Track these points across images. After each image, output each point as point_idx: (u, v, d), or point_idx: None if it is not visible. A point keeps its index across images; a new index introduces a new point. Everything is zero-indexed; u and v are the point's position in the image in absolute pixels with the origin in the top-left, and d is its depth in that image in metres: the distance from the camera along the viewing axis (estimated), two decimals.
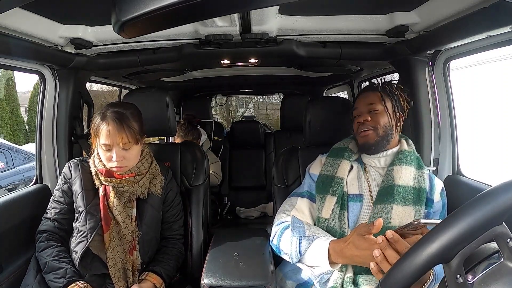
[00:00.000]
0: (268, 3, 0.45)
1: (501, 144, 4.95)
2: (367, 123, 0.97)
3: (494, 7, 0.77)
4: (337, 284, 0.85)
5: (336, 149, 1.06)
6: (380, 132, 0.96)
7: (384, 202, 0.90)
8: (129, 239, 1.02)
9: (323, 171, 1.02)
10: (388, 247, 0.67)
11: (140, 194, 1.06)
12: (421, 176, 0.94)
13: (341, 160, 1.01)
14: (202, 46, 1.18)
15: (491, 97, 5.47)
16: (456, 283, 0.43)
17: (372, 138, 0.97)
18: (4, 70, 7.66)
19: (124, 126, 0.98)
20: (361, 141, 0.99)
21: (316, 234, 0.88)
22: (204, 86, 2.69)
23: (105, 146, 0.99)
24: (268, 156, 2.55)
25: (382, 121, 0.97)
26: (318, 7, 1.00)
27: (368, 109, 0.99)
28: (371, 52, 1.26)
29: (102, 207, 1.01)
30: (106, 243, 1.01)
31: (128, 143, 1.00)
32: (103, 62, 1.30)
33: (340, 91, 2.74)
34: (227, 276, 0.91)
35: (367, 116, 0.98)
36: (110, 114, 1.00)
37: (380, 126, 0.96)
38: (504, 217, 0.43)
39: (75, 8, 0.94)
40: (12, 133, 9.05)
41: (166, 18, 0.44)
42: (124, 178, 1.03)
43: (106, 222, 1.01)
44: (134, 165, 1.05)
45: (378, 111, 0.98)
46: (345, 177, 0.98)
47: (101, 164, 1.04)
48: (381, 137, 0.96)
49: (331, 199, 0.95)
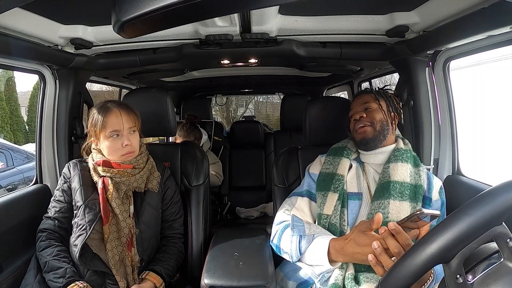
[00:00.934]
0: (268, 3, 0.45)
1: (501, 144, 4.95)
2: (363, 119, 1.01)
3: (494, 7, 0.77)
4: (338, 281, 0.85)
5: (335, 148, 1.08)
6: (377, 127, 0.99)
7: (381, 198, 0.91)
8: (126, 232, 1.03)
9: (324, 169, 1.03)
10: (390, 237, 0.67)
11: (137, 187, 1.07)
12: (417, 173, 0.95)
13: (341, 158, 1.03)
14: (202, 46, 1.18)
15: (491, 97, 5.47)
16: (456, 283, 0.43)
17: (370, 132, 0.99)
18: (4, 70, 7.66)
19: (129, 110, 1.07)
20: (358, 138, 1.01)
21: (316, 232, 0.88)
22: (204, 86, 2.69)
23: (115, 132, 1.03)
24: (268, 156, 2.55)
25: (378, 116, 1.00)
26: (318, 7, 1.00)
27: (363, 108, 1.03)
28: (371, 52, 1.26)
29: (102, 200, 1.02)
30: (105, 235, 1.01)
31: (134, 127, 1.07)
32: (103, 62, 1.30)
33: (340, 91, 2.74)
34: (227, 276, 0.91)
35: (362, 113, 1.02)
36: (112, 104, 1.06)
37: (376, 121, 1.00)
38: (504, 217, 0.43)
39: (75, 8, 0.94)
40: (12, 133, 9.06)
41: (166, 18, 0.44)
42: (122, 169, 1.05)
43: (105, 215, 1.01)
44: (134, 157, 1.08)
45: (373, 109, 1.02)
46: (345, 175, 0.99)
47: (99, 156, 1.06)
48: (378, 132, 0.99)
49: (333, 196, 0.96)
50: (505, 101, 5.21)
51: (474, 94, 5.21)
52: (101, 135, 1.04)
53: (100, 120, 1.03)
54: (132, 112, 1.08)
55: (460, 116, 1.25)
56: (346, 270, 0.87)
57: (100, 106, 1.06)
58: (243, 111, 12.31)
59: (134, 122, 1.07)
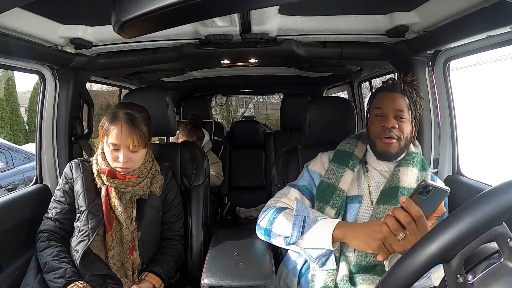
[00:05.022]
0: (268, 3, 0.45)
1: (501, 144, 4.95)
2: (394, 131, 0.90)
3: (494, 7, 0.77)
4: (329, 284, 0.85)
5: (341, 153, 1.01)
6: (402, 143, 0.92)
7: (387, 203, 0.89)
8: (129, 239, 1.02)
9: (326, 179, 0.98)
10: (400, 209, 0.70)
11: (142, 195, 1.06)
12: (423, 178, 0.93)
13: (345, 169, 0.97)
14: (202, 46, 1.18)
15: (491, 97, 5.47)
16: (456, 283, 0.43)
17: (395, 148, 0.91)
18: (4, 70, 7.67)
19: (135, 129, 0.99)
20: (381, 148, 0.93)
21: (320, 216, 0.89)
22: (204, 86, 2.69)
23: (113, 146, 0.99)
24: (268, 156, 2.55)
25: (406, 130, 0.92)
26: (318, 7, 1.00)
27: (395, 114, 0.91)
28: (371, 52, 1.26)
29: (105, 207, 1.01)
30: (108, 243, 1.01)
31: (137, 147, 1.00)
32: (103, 62, 1.30)
33: (340, 91, 2.74)
34: (227, 276, 0.91)
35: (394, 122, 0.90)
36: (123, 115, 1.00)
37: (404, 137, 0.91)
38: (504, 217, 0.43)
39: (75, 8, 0.94)
40: (12, 133, 9.05)
41: (166, 18, 0.44)
42: (126, 179, 1.03)
43: (108, 222, 1.01)
44: (138, 168, 1.05)
45: (404, 119, 0.91)
46: (347, 189, 0.96)
47: (104, 163, 1.04)
48: (402, 148, 0.92)
49: (330, 212, 0.93)
50: (505, 101, 5.21)
51: (474, 94, 5.21)
52: (103, 140, 1.02)
53: (105, 126, 1.00)
54: (138, 130, 0.99)
55: (460, 116, 1.25)
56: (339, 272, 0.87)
57: (113, 111, 1.02)
58: (243, 111, 12.31)
59: (137, 141, 0.99)
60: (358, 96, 2.37)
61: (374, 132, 0.94)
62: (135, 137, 0.99)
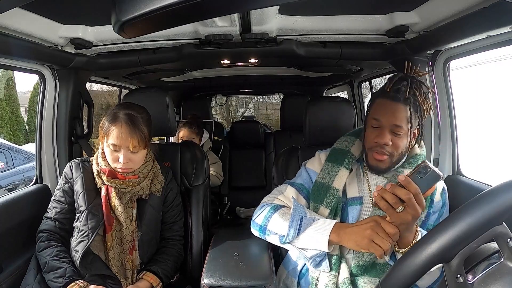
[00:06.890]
0: (268, 3, 0.45)
1: (501, 144, 4.95)
2: (386, 147, 0.87)
3: (494, 7, 0.77)
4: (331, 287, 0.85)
5: (337, 151, 1.00)
6: (394, 159, 0.90)
7: None
8: (129, 239, 1.03)
9: (320, 178, 0.97)
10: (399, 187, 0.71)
11: (142, 195, 1.06)
12: None
13: (340, 168, 0.96)
14: (202, 46, 1.18)
15: (491, 97, 5.47)
16: (456, 283, 0.43)
17: (386, 163, 0.90)
18: (4, 70, 7.66)
19: (136, 130, 0.99)
20: (372, 162, 0.92)
21: (317, 216, 0.88)
22: (204, 86, 2.69)
23: (113, 146, 0.99)
24: (268, 156, 2.54)
25: (401, 145, 0.88)
26: (318, 7, 1.00)
27: (391, 129, 0.87)
28: (371, 52, 1.26)
29: (105, 208, 1.01)
30: (108, 243, 1.01)
31: (138, 147, 1.00)
32: (103, 62, 1.30)
33: (340, 91, 2.74)
34: (227, 276, 0.91)
35: (389, 139, 0.87)
36: (123, 116, 0.99)
37: (397, 153, 0.88)
38: (504, 217, 0.43)
39: (75, 8, 0.94)
40: (12, 133, 9.05)
41: (166, 18, 0.44)
42: (127, 180, 1.03)
43: (108, 223, 1.01)
44: (138, 168, 1.05)
45: (401, 134, 0.87)
46: (341, 188, 0.95)
47: (104, 164, 1.04)
48: (394, 163, 0.91)
49: (324, 211, 0.93)
50: (505, 101, 5.21)
51: (474, 94, 5.21)
52: (104, 141, 1.02)
53: (105, 127, 1.00)
54: (138, 131, 0.99)
55: (460, 116, 1.24)
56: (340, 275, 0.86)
57: (113, 111, 1.01)
58: (243, 111, 12.31)
59: (137, 142, 0.99)
60: (358, 96, 2.37)
61: (368, 143, 0.92)
62: (136, 138, 0.99)
